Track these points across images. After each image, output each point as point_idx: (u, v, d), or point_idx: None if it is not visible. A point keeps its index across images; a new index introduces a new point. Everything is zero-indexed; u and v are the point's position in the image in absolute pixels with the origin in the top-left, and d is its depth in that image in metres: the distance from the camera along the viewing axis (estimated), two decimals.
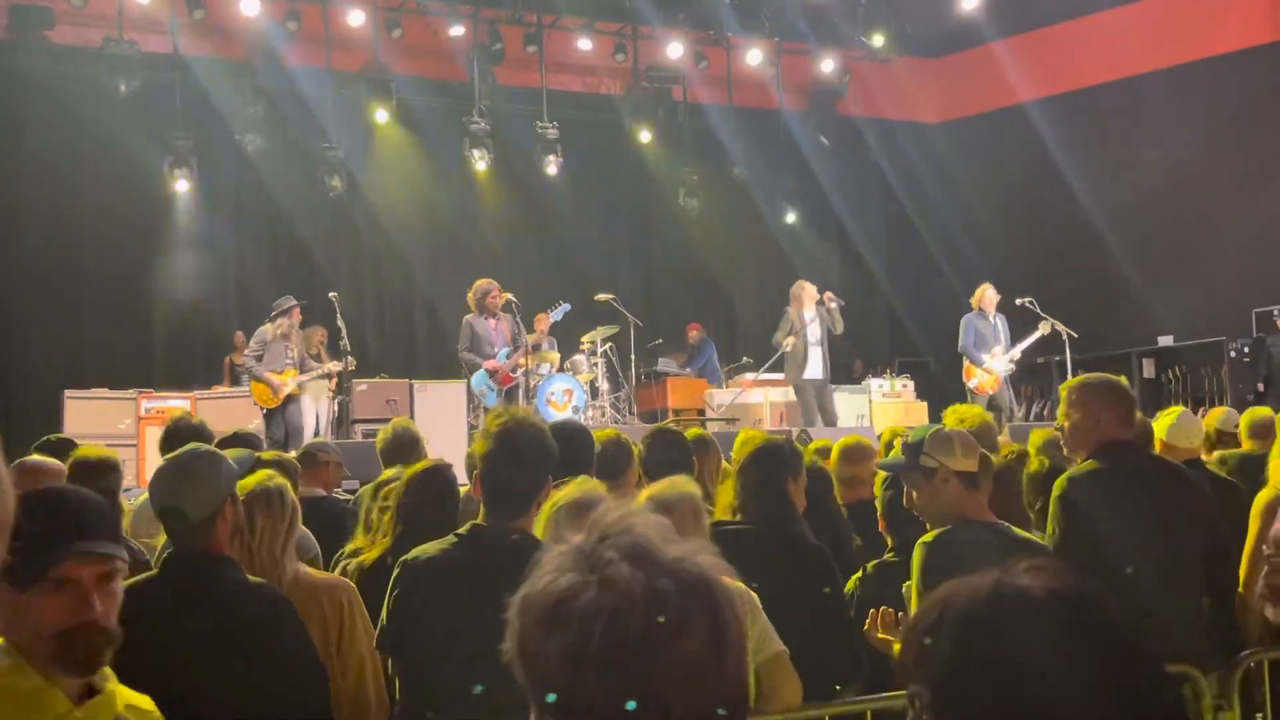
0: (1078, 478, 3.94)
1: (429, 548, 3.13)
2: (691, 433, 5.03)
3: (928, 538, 3.57)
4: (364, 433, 11.72)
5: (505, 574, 2.92)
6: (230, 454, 3.50)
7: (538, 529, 3.02)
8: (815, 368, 12.25)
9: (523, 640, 1.22)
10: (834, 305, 12.34)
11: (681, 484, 3.34)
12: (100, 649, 2.05)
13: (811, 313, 12.30)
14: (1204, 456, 5.69)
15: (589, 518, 2.96)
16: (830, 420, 12.26)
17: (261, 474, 3.50)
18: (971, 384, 12.57)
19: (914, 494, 3.72)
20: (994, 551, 3.39)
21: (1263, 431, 6.25)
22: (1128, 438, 3.99)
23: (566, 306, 12.91)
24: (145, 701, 2.21)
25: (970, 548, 3.42)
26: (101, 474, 4.41)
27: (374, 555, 3.95)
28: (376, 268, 16.61)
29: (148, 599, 2.97)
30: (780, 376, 13.38)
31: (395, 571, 3.12)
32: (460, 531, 3.15)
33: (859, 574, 4.11)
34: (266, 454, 4.70)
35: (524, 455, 3.09)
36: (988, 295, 12.60)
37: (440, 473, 4.04)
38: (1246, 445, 6.28)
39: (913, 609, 3.47)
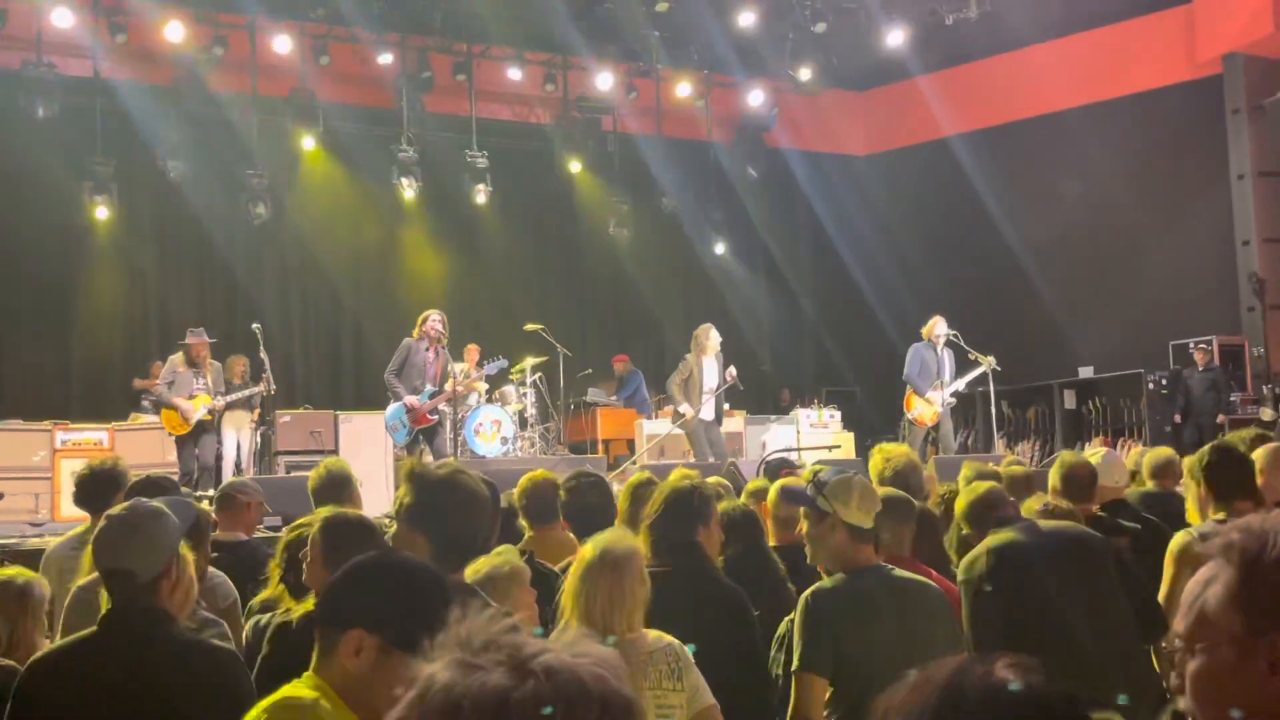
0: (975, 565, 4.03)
1: None
2: (636, 478, 4.99)
3: (809, 591, 3.69)
4: (287, 465, 11.55)
5: None
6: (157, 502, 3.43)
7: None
8: (708, 411, 12.30)
9: None
10: (733, 381, 12.16)
11: (628, 539, 3.31)
12: None
13: (711, 362, 12.28)
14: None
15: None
16: (720, 454, 12.24)
17: None
18: (911, 415, 12.61)
19: (805, 526, 3.85)
20: (877, 597, 3.63)
21: (1161, 471, 6.34)
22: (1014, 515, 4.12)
23: (503, 363, 12.68)
24: None
25: (852, 598, 3.62)
26: None
27: (300, 612, 3.83)
28: (302, 296, 16.40)
29: (92, 658, 2.92)
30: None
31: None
32: None
33: (791, 616, 4.10)
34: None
35: (452, 509, 3.04)
36: (938, 328, 12.67)
37: (361, 522, 3.90)
38: (1148, 484, 6.37)
39: (796, 658, 3.55)
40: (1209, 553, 1.54)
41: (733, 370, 12.26)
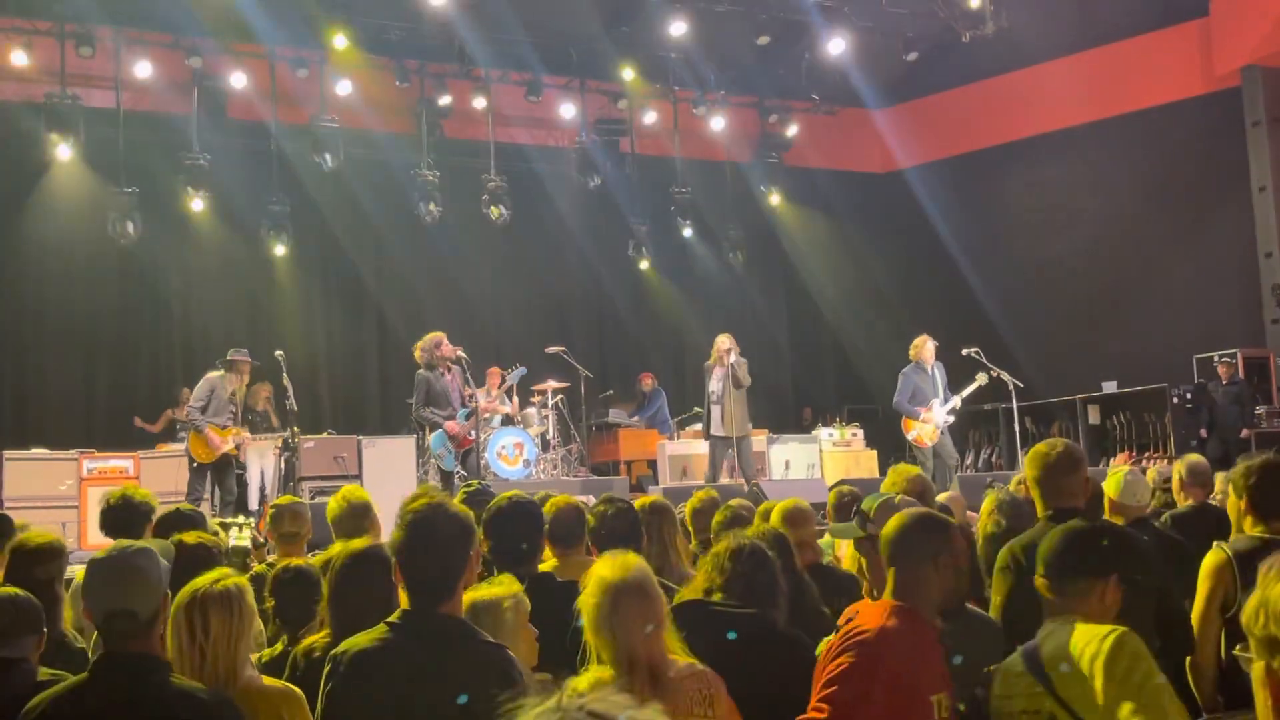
0: (1017, 550, 3.95)
1: (360, 640, 3.04)
2: (645, 499, 4.98)
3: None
4: (312, 490, 11.57)
5: (436, 661, 2.90)
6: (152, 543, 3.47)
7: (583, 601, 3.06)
8: (717, 425, 12.13)
9: None
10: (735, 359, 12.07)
11: (631, 561, 3.24)
12: None
13: (717, 371, 12.17)
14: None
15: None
16: (749, 475, 12.07)
17: (217, 572, 3.40)
18: (910, 436, 12.54)
19: (863, 562, 3.76)
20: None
21: (1198, 481, 6.30)
22: (1077, 505, 4.00)
23: (523, 370, 12.89)
24: None
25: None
26: (40, 562, 4.27)
27: (315, 642, 3.84)
28: (325, 322, 16.47)
29: (85, 704, 2.90)
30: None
31: (326, 667, 3.04)
32: (391, 620, 3.08)
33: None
34: (189, 537, 4.52)
35: (438, 541, 3.03)
36: (926, 347, 12.55)
37: (372, 556, 3.87)
38: (1179, 496, 6.31)
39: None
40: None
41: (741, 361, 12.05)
